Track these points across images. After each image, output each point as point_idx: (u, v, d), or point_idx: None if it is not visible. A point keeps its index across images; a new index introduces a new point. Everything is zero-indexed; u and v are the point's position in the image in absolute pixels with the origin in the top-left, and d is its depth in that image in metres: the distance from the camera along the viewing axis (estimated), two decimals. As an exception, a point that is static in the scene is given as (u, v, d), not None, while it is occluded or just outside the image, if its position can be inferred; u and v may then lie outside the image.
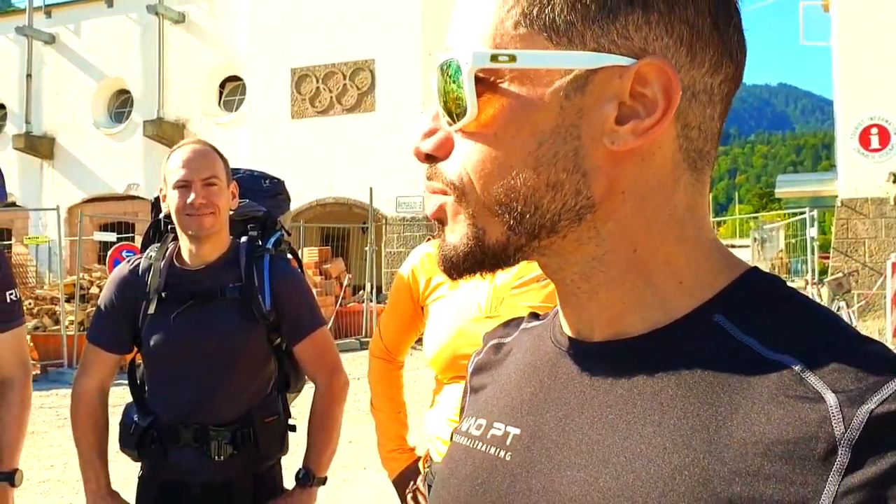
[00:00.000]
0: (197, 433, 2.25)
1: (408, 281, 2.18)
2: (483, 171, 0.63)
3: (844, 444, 0.51)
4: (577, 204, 0.63)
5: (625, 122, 0.61)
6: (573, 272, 0.67)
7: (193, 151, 2.28)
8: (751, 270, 0.66)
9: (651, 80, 0.61)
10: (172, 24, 21.70)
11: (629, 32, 0.61)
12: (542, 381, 0.71)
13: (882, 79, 14.54)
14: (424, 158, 0.68)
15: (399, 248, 18.45)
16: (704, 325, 0.63)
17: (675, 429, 0.58)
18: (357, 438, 7.26)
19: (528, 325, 0.84)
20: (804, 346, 0.58)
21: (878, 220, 14.59)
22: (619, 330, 0.66)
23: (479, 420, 0.76)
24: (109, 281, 2.41)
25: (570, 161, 0.62)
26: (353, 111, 19.31)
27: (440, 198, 0.67)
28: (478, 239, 0.65)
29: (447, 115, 0.65)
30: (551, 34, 0.61)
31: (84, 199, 21.95)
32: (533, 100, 0.61)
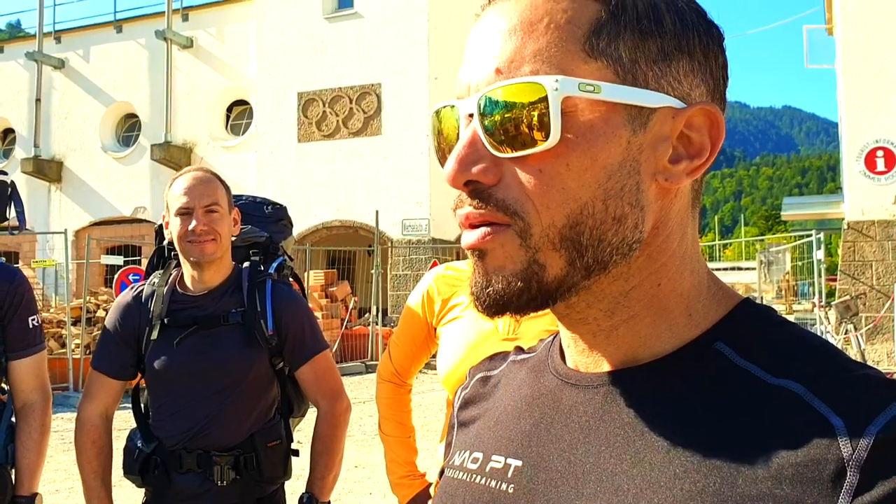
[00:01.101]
0: (200, 458, 2.26)
1: (422, 303, 2.16)
2: (553, 201, 0.62)
3: (853, 466, 0.53)
4: (633, 238, 0.64)
5: (676, 162, 0.64)
6: (599, 309, 0.67)
7: (195, 178, 2.30)
8: (745, 301, 0.68)
9: (697, 124, 0.65)
10: (180, 49, 21.89)
11: (680, 77, 0.64)
12: (544, 411, 0.71)
13: (887, 101, 14.55)
14: (463, 185, 0.64)
15: (405, 271, 18.46)
16: (707, 352, 0.64)
17: (684, 455, 0.59)
18: (363, 463, 7.23)
19: (517, 357, 0.83)
20: (805, 372, 0.59)
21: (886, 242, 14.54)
22: (626, 360, 0.67)
23: (475, 453, 0.75)
24: (113, 308, 2.43)
25: (633, 195, 0.63)
26: (359, 135, 19.40)
27: (491, 229, 0.63)
28: (535, 276, 0.63)
29: (501, 142, 0.62)
30: (618, 69, 0.62)
31: (91, 222, 22.05)
32: (606, 132, 0.62)
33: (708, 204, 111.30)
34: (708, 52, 0.65)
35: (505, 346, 1.96)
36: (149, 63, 22.21)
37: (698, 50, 0.65)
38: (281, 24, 20.18)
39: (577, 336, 0.70)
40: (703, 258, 0.70)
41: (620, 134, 0.62)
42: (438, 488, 0.79)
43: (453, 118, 0.67)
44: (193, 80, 21.82)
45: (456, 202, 0.66)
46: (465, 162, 0.63)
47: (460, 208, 0.65)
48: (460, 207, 0.65)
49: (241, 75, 21.25)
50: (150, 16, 22.52)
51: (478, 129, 0.63)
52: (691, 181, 0.67)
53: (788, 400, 0.58)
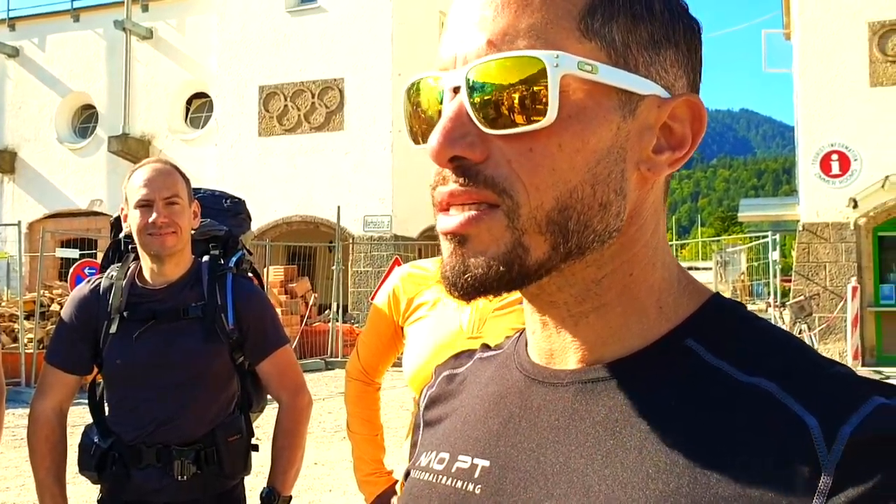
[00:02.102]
0: (160, 453, 2.23)
1: (388, 302, 2.16)
2: (540, 183, 0.59)
3: (828, 465, 0.52)
4: (614, 226, 0.62)
5: (659, 152, 0.63)
6: (569, 294, 0.65)
7: (155, 171, 2.27)
8: (714, 296, 0.67)
9: (681, 114, 0.64)
10: (140, 40, 21.57)
11: (667, 66, 0.63)
12: (511, 411, 0.69)
13: (842, 106, 14.83)
14: (447, 162, 0.61)
15: (366, 268, 18.40)
16: (678, 349, 0.63)
17: (656, 455, 0.58)
18: (322, 460, 7.20)
19: (483, 354, 0.81)
20: (777, 369, 0.58)
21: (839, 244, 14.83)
22: (595, 357, 0.65)
23: (442, 454, 0.73)
24: (69, 301, 2.38)
25: (618, 182, 0.62)
26: (321, 130, 19.29)
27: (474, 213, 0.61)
28: (518, 259, 0.60)
29: (492, 118, 0.59)
30: (611, 51, 0.61)
31: (46, 214, 21.66)
32: (599, 115, 0.60)
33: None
34: (691, 44, 0.65)
35: (470, 344, 1.95)
36: (107, 53, 21.85)
37: (683, 41, 0.64)
38: (243, 17, 19.99)
39: (545, 320, 0.68)
40: (670, 250, 0.69)
41: (612, 118, 0.61)
42: (404, 490, 0.77)
43: (436, 91, 0.63)
44: (153, 71, 21.52)
45: (436, 180, 0.63)
46: (452, 136, 0.60)
47: (442, 185, 0.62)
48: (442, 185, 0.62)
49: (202, 68, 21.01)
50: (108, 5, 22.11)
51: (465, 103, 0.60)
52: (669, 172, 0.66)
53: (761, 398, 0.57)
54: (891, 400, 0.54)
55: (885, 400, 0.54)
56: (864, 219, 14.76)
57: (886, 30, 14.83)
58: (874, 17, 14.86)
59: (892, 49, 14.80)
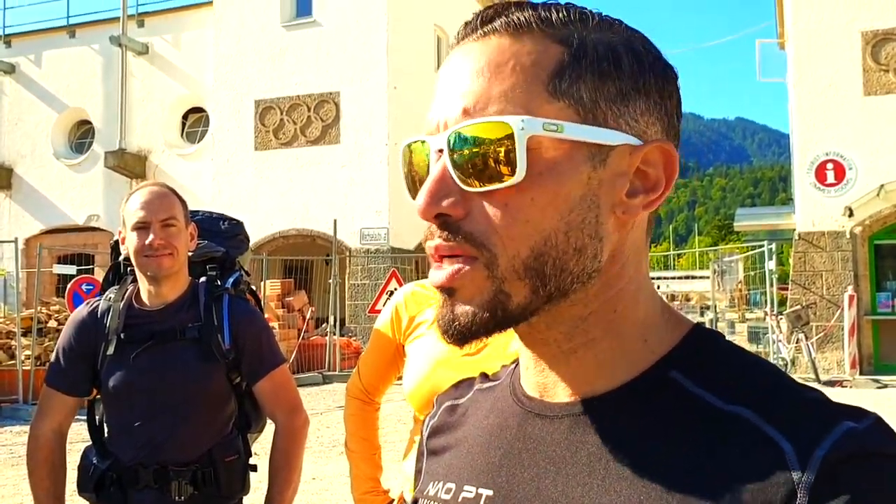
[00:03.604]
0: (157, 474, 2.24)
1: (390, 320, 2.18)
2: (516, 235, 0.65)
3: (802, 488, 0.56)
4: (592, 268, 0.67)
5: (633, 196, 0.68)
6: (558, 332, 0.70)
7: (151, 193, 2.29)
8: (695, 327, 0.72)
9: (654, 159, 0.68)
10: (136, 56, 21.62)
11: (637, 116, 0.68)
12: (511, 442, 0.73)
13: (837, 115, 14.90)
14: (433, 218, 0.67)
15: (363, 281, 18.41)
16: (662, 381, 0.68)
17: (647, 483, 0.62)
18: (320, 475, 7.19)
19: (482, 385, 0.86)
20: (755, 398, 0.63)
21: (835, 253, 14.87)
22: (587, 389, 0.70)
23: (448, 484, 0.78)
24: (68, 323, 2.40)
25: (592, 227, 0.67)
26: (317, 143, 19.33)
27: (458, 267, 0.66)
28: (501, 305, 0.66)
29: (471, 177, 0.65)
30: (579, 108, 0.66)
31: (43, 230, 21.64)
32: (568, 168, 0.66)
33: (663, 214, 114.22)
34: (664, 91, 0.69)
35: (466, 362, 1.99)
36: (103, 69, 21.89)
37: (654, 90, 0.68)
38: (238, 32, 20.05)
39: (536, 356, 0.73)
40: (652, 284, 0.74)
41: (581, 170, 0.66)
42: None
43: (424, 153, 0.70)
44: (149, 86, 21.56)
45: (426, 234, 0.69)
46: (436, 196, 0.66)
47: (430, 240, 0.68)
48: (430, 239, 0.68)
49: (198, 82, 21.05)
50: (104, 21, 22.18)
51: (447, 165, 0.66)
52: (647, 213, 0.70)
53: (739, 425, 0.61)
54: (859, 423, 0.59)
55: (854, 423, 0.59)
56: (859, 227, 14.80)
57: (880, 39, 14.92)
58: (867, 27, 14.94)
59: (885, 58, 14.88)
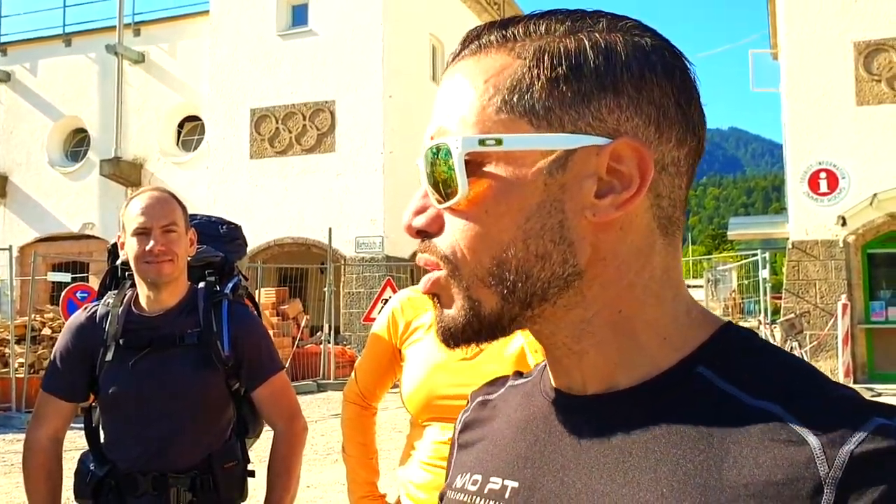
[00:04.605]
0: (156, 481, 2.23)
1: (387, 325, 2.20)
2: (475, 246, 0.68)
3: (829, 484, 0.56)
4: (564, 272, 0.68)
5: (604, 196, 0.67)
6: (564, 335, 0.71)
7: (152, 198, 2.29)
8: (726, 325, 0.72)
9: (625, 157, 0.67)
10: (132, 64, 21.62)
11: (603, 115, 0.67)
12: (537, 434, 0.75)
13: (830, 125, 14.96)
14: (416, 234, 0.72)
15: (358, 289, 18.39)
16: (689, 376, 0.68)
17: (670, 475, 0.62)
18: (314, 483, 7.17)
19: (514, 382, 0.87)
20: (783, 394, 0.63)
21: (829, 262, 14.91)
22: (611, 384, 0.71)
23: (475, 475, 0.79)
24: (66, 328, 2.40)
25: (556, 233, 0.67)
26: (312, 151, 19.33)
27: (434, 273, 0.71)
28: (474, 310, 0.69)
29: (436, 195, 0.70)
30: (531, 118, 0.67)
31: (37, 238, 21.58)
32: (519, 178, 0.67)
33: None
34: (642, 84, 0.67)
35: (463, 366, 2.01)
36: (99, 78, 21.88)
37: (628, 85, 0.67)
38: (234, 40, 20.08)
39: (554, 358, 0.74)
40: (682, 285, 0.73)
41: (536, 178, 0.67)
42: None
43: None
44: (144, 95, 21.56)
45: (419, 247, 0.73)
46: (416, 213, 0.72)
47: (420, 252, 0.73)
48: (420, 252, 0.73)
49: (193, 91, 21.06)
50: (100, 30, 22.19)
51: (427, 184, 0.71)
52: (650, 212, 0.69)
53: (767, 421, 0.61)
54: (891, 420, 0.59)
55: (885, 420, 0.59)
56: (853, 236, 14.85)
57: (872, 49, 14.99)
58: (860, 37, 15.02)
59: (877, 68, 14.95)
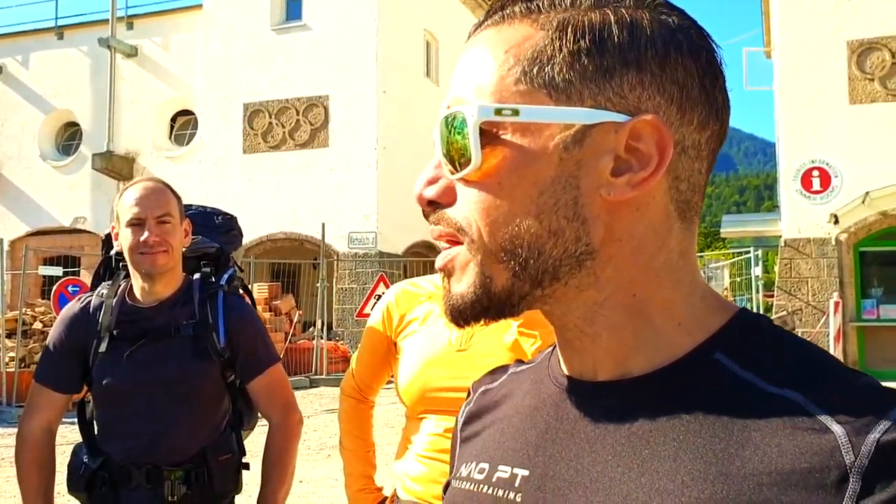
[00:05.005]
0: (150, 474, 2.21)
1: (382, 318, 2.20)
2: (489, 218, 0.66)
3: (855, 472, 0.55)
4: (577, 250, 0.66)
5: (620, 175, 0.65)
6: (576, 317, 0.69)
7: (146, 189, 2.27)
8: (742, 311, 0.70)
9: (645, 135, 0.65)
10: (124, 58, 21.51)
11: (624, 91, 0.65)
12: (548, 422, 0.72)
13: (823, 123, 15.00)
14: (427, 205, 0.70)
15: (351, 285, 18.37)
16: (706, 363, 0.66)
17: (690, 464, 0.61)
18: (307, 478, 7.16)
19: (517, 369, 0.85)
20: (803, 381, 0.62)
21: (821, 259, 14.95)
22: (624, 370, 0.69)
23: (482, 464, 0.76)
24: (59, 319, 2.37)
25: (569, 209, 0.65)
26: (305, 147, 19.29)
27: (451, 250, 0.69)
28: (484, 287, 0.68)
29: (450, 165, 0.68)
30: (551, 91, 0.65)
31: (28, 232, 21.46)
32: (534, 151, 0.65)
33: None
34: (666, 63, 0.66)
35: (458, 357, 2.01)
36: (91, 71, 21.77)
37: (652, 62, 0.65)
38: (228, 35, 20.00)
39: (565, 340, 0.73)
40: (697, 270, 0.71)
41: (551, 152, 0.65)
42: (445, 500, 0.81)
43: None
44: (137, 89, 21.46)
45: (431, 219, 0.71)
46: (428, 183, 0.70)
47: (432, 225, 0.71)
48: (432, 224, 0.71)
49: (187, 85, 20.98)
50: (93, 23, 22.09)
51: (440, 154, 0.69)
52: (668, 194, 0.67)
53: (788, 408, 0.60)
54: None
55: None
56: (845, 234, 14.90)
57: (865, 48, 15.03)
58: (853, 36, 15.06)
59: (870, 67, 14.99)
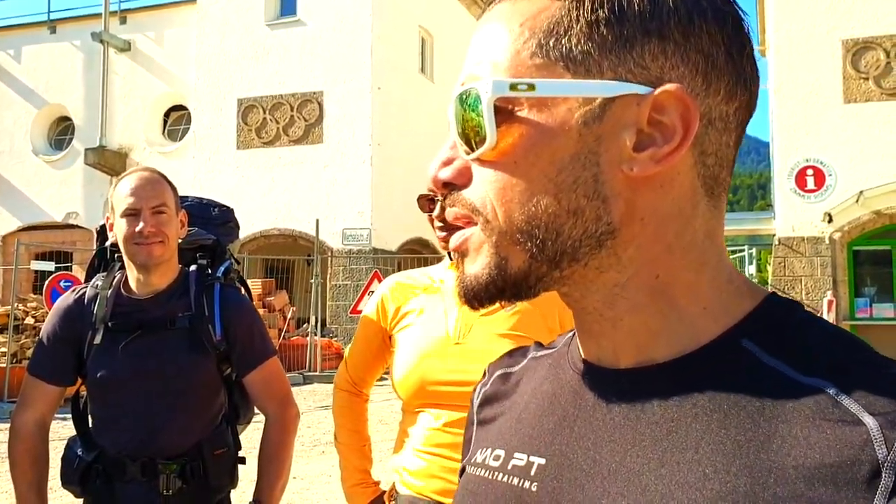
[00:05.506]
0: (145, 467, 2.19)
1: (376, 310, 2.18)
2: (505, 199, 0.63)
3: (888, 467, 0.52)
4: (597, 230, 0.63)
5: (643, 150, 0.62)
6: (596, 300, 0.67)
7: (142, 179, 2.24)
8: (771, 295, 0.67)
9: (668, 107, 0.61)
10: (118, 53, 21.43)
11: (646, 62, 0.62)
12: (566, 409, 0.70)
13: (817, 122, 15.04)
14: (442, 186, 0.68)
15: (344, 281, 18.33)
16: (733, 350, 0.63)
17: (713, 455, 0.58)
18: (301, 474, 7.13)
19: (536, 353, 0.83)
20: (834, 370, 0.58)
21: (814, 258, 14.99)
22: (646, 357, 0.66)
23: (497, 451, 0.74)
24: (53, 311, 2.34)
25: (589, 187, 0.62)
26: (300, 143, 19.23)
27: (465, 231, 0.67)
28: (500, 268, 0.65)
29: (465, 145, 0.65)
30: (568, 64, 0.62)
31: (20, 227, 21.38)
32: (552, 127, 0.62)
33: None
34: (690, 30, 0.62)
35: (456, 351, 1.98)
36: (84, 65, 21.67)
37: (675, 30, 0.62)
38: (222, 30, 19.93)
39: (585, 324, 0.70)
40: (724, 251, 0.68)
41: (569, 128, 0.62)
42: (460, 485, 0.78)
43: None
44: (130, 83, 21.38)
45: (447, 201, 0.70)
46: (443, 164, 0.67)
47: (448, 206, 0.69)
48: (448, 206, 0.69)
49: (180, 80, 20.90)
50: (85, 17, 21.95)
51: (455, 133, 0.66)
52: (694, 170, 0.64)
53: (819, 399, 0.57)
54: None
55: None
56: (838, 233, 14.94)
57: (860, 47, 15.07)
58: (848, 35, 15.09)
59: (865, 66, 15.03)
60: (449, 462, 1.93)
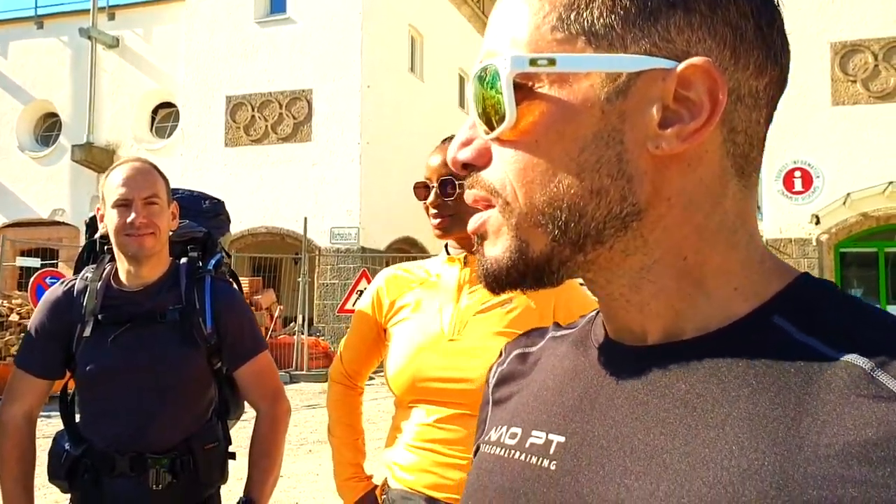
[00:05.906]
0: (134, 462, 2.15)
1: (372, 303, 2.17)
2: (525, 179, 0.61)
3: None
4: (622, 211, 0.61)
5: (669, 126, 0.59)
6: (621, 284, 0.65)
7: (134, 169, 2.21)
8: (804, 275, 0.65)
9: (695, 82, 0.59)
10: (105, 49, 21.30)
11: (671, 35, 0.59)
12: (587, 387, 0.68)
13: (805, 124, 15.10)
14: (461, 168, 0.66)
15: (332, 280, 18.29)
16: (764, 326, 0.61)
17: (741, 432, 0.55)
18: (288, 473, 7.10)
19: (556, 332, 0.81)
20: (869, 346, 0.56)
21: (802, 260, 15.05)
22: (673, 334, 0.64)
23: (514, 429, 0.72)
24: (41, 303, 2.31)
25: (613, 166, 0.60)
26: (288, 141, 19.17)
27: (484, 213, 0.65)
28: (521, 252, 0.63)
29: (485, 124, 0.63)
30: (590, 38, 0.60)
31: (6, 223, 21.23)
32: (574, 104, 0.60)
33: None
34: (717, 2, 0.60)
35: (451, 347, 1.97)
36: (71, 61, 21.54)
37: (701, 2, 0.59)
38: (211, 27, 19.84)
39: (610, 311, 0.68)
40: (756, 232, 0.66)
41: (591, 104, 0.59)
42: (473, 464, 0.76)
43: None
44: (118, 80, 21.26)
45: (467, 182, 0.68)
46: (463, 145, 0.66)
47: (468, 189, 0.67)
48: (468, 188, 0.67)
49: (169, 77, 20.80)
50: (73, 13, 21.82)
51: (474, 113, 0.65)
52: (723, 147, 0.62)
53: (853, 375, 0.54)
54: None
55: None
56: (826, 235, 15.01)
57: (848, 50, 15.14)
58: (836, 38, 15.17)
59: (853, 69, 15.11)
60: (441, 457, 1.93)
